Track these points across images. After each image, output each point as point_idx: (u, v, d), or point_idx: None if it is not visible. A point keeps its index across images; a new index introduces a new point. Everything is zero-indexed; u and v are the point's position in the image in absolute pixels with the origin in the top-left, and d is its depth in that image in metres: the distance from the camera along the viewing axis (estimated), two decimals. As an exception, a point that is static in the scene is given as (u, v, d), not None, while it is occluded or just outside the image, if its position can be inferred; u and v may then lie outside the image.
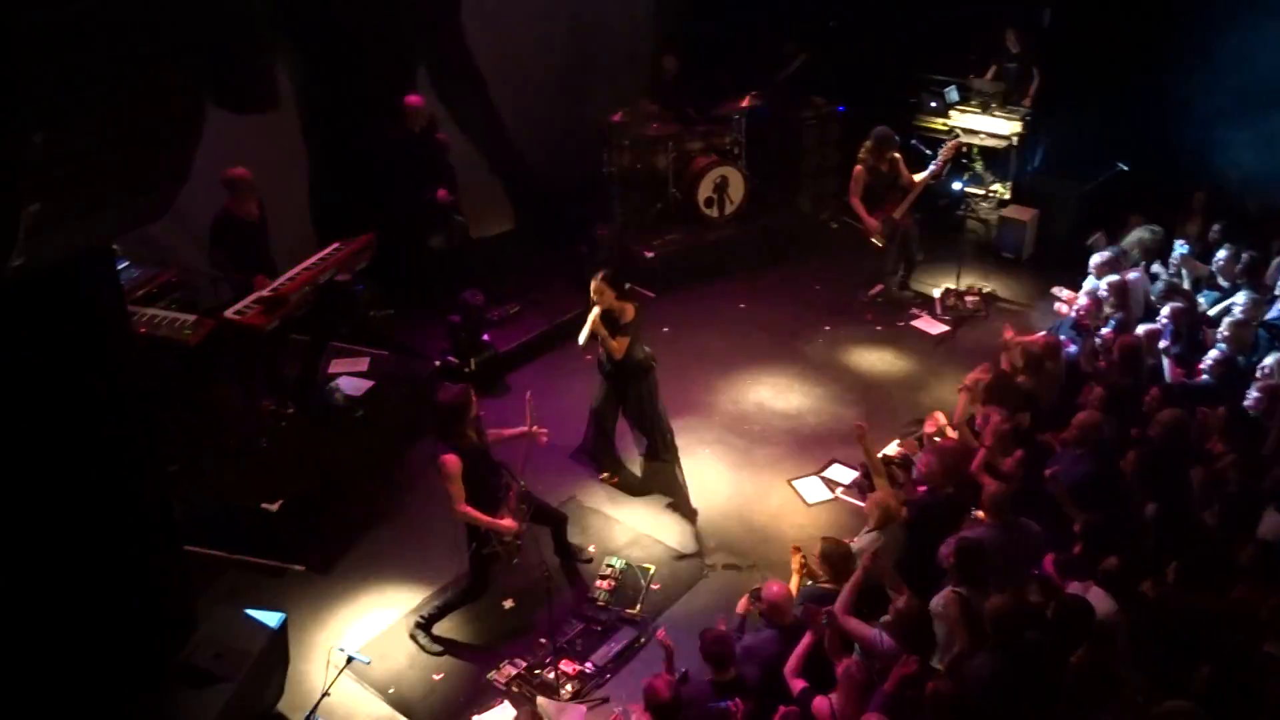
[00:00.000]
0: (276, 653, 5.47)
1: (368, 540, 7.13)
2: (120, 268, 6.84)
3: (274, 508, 6.84)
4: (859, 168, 9.34)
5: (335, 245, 7.58)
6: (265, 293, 7.02)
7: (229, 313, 6.91)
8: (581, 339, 7.16)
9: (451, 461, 5.78)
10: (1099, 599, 5.26)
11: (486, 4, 9.86)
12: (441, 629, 6.39)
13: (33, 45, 2.74)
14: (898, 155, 9.43)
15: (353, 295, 7.71)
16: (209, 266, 7.59)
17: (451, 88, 9.87)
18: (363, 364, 8.21)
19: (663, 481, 7.55)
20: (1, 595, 3.72)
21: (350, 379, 7.99)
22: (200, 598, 5.43)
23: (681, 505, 7.37)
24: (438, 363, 8.45)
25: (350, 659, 5.41)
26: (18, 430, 3.62)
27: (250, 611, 5.58)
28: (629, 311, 7.06)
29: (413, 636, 6.34)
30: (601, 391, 7.53)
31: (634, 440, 7.71)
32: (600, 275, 7.04)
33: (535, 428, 6.26)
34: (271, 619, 5.54)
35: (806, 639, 5.06)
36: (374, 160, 8.89)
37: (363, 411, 7.74)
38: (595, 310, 7.02)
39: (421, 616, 6.35)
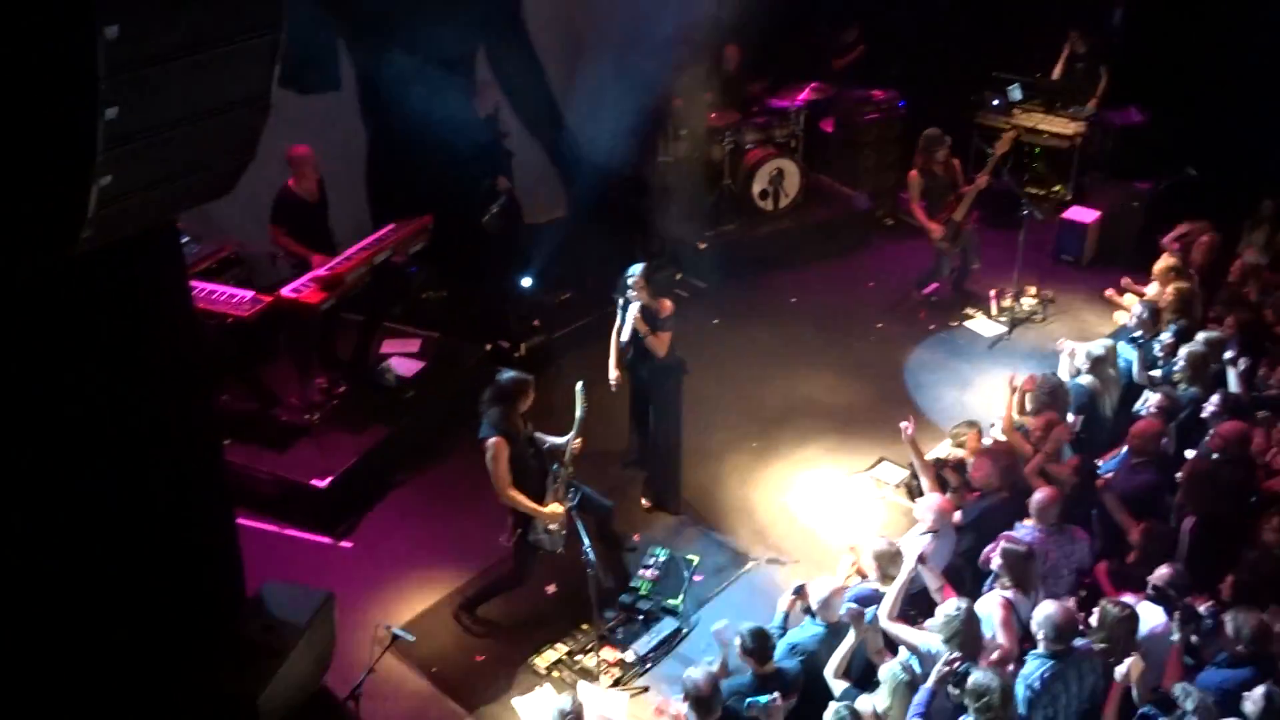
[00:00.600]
0: (324, 627, 5.54)
1: (414, 520, 7.20)
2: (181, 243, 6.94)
3: (324, 484, 6.94)
4: (913, 172, 9.24)
5: (392, 226, 7.64)
6: (322, 272, 7.09)
7: (285, 290, 6.99)
8: (625, 336, 6.92)
9: (499, 445, 5.79)
10: (1150, 613, 5.18)
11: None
12: (484, 611, 6.43)
13: (108, 21, 2.78)
14: (954, 159, 9.30)
15: (407, 276, 7.75)
16: (268, 244, 7.68)
17: (511, 71, 9.88)
18: (414, 345, 8.27)
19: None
20: (59, 566, 3.79)
21: (402, 359, 8.05)
22: (249, 571, 5.50)
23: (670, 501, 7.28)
24: (488, 346, 8.48)
25: (395, 636, 5.47)
26: (81, 401, 3.69)
27: (299, 586, 5.67)
28: (667, 306, 6.90)
29: (456, 617, 6.39)
30: (633, 398, 7.23)
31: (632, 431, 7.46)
32: (640, 270, 6.89)
33: (574, 438, 6.11)
34: (319, 594, 5.61)
35: (850, 639, 5.02)
36: (432, 142, 8.93)
37: (413, 392, 7.80)
38: (634, 307, 6.84)
39: (465, 598, 6.40)
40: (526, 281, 8.52)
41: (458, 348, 8.41)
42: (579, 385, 6.11)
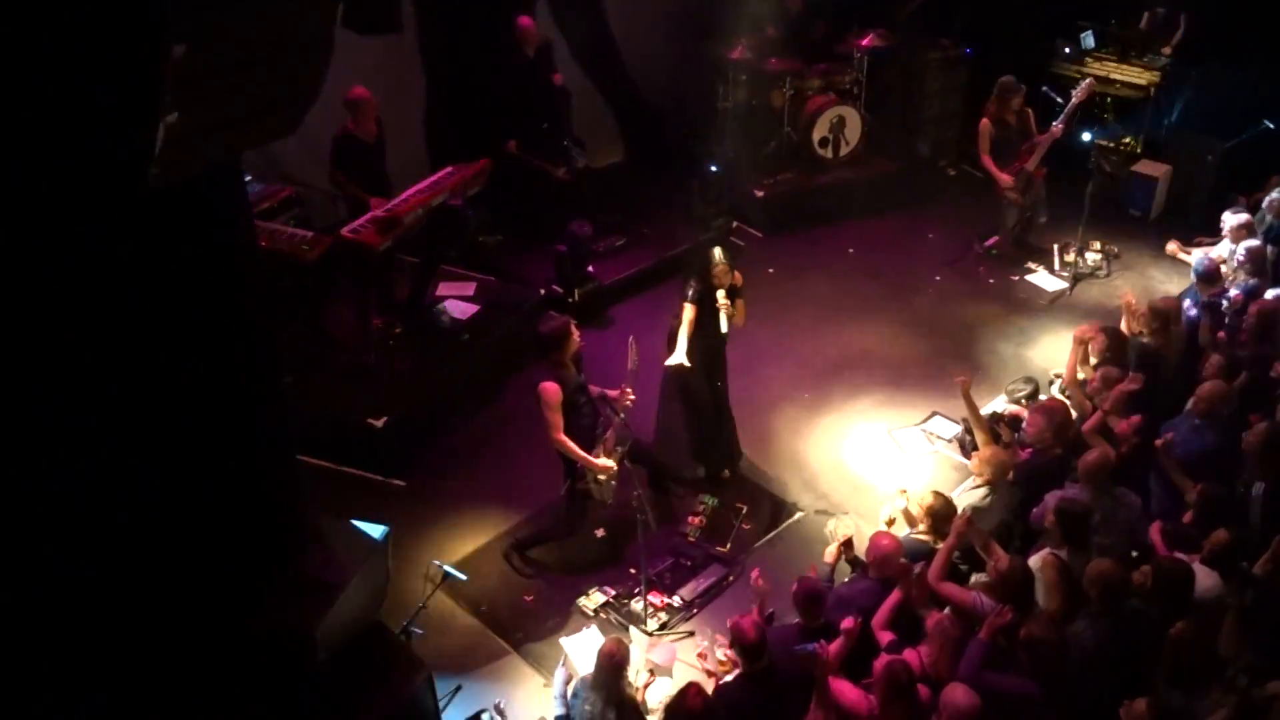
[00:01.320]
0: (379, 563, 5.63)
1: (467, 461, 7.29)
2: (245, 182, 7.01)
3: (379, 424, 7.03)
4: (985, 121, 8.98)
5: (449, 169, 7.65)
6: (380, 213, 7.14)
7: (345, 231, 7.04)
8: (726, 327, 6.62)
9: (551, 389, 5.82)
10: (1204, 575, 5.12)
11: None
12: (534, 553, 6.52)
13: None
14: (1027, 108, 9.06)
15: (464, 220, 7.77)
16: (328, 185, 7.74)
17: (570, 15, 9.79)
18: (470, 289, 8.32)
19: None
20: (128, 503, 3.89)
21: (457, 302, 8.11)
22: (308, 507, 5.61)
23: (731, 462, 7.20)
24: (542, 292, 8.51)
25: (446, 574, 5.57)
26: (150, 340, 3.75)
27: (356, 522, 5.78)
28: (739, 278, 6.71)
29: (506, 557, 6.49)
30: (697, 384, 6.83)
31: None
32: (721, 256, 6.57)
33: (626, 390, 6.07)
34: (375, 531, 5.67)
35: (897, 593, 5.03)
36: (490, 86, 8.91)
37: (468, 335, 7.86)
38: (720, 294, 6.52)
39: (516, 540, 6.49)
40: (583, 227, 8.48)
41: (512, 292, 8.45)
42: (631, 340, 6.10)
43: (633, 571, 6.29)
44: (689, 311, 6.56)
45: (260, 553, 4.54)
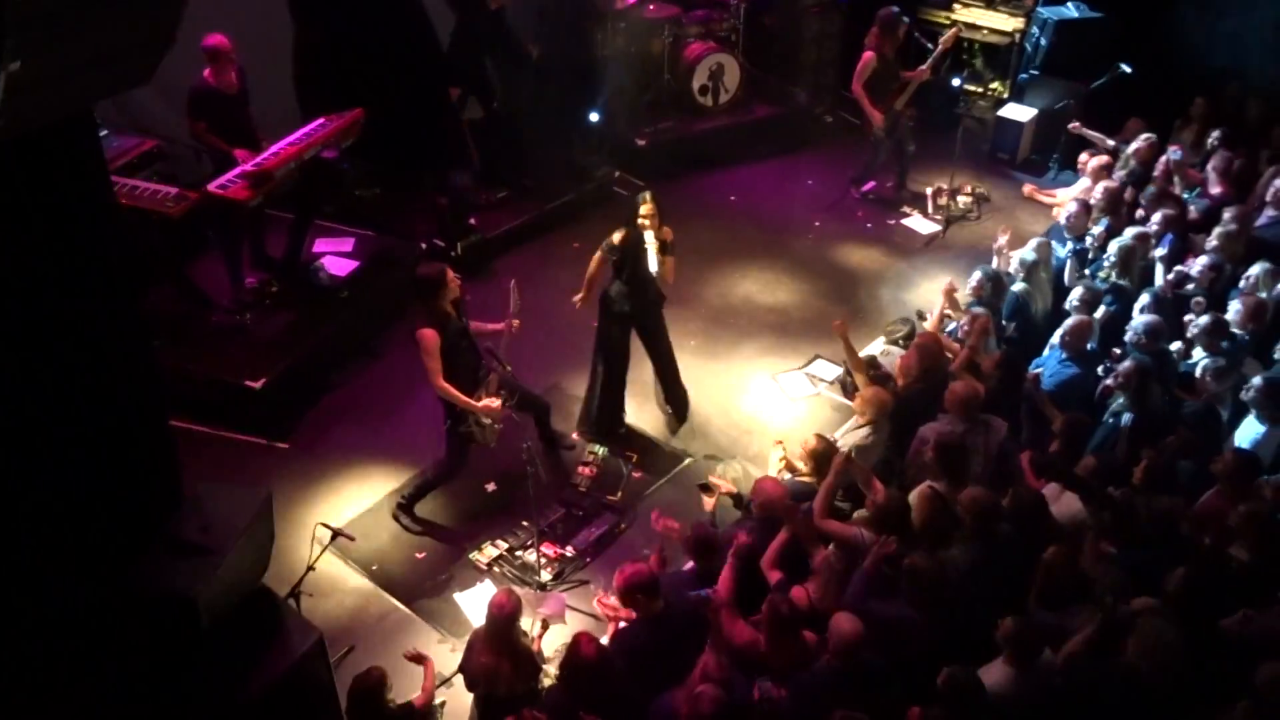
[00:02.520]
0: (262, 527, 5.51)
1: (351, 420, 7.18)
2: (100, 136, 6.68)
3: (258, 385, 6.87)
4: (869, 54, 9.05)
5: (321, 121, 7.41)
6: (249, 167, 6.89)
7: (212, 186, 6.79)
8: (654, 268, 6.53)
9: (429, 335, 5.77)
10: (1070, 501, 5.38)
11: None
12: (424, 509, 6.47)
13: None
14: (903, 44, 9.20)
15: (339, 173, 7.57)
16: (189, 138, 7.42)
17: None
18: (348, 244, 8.13)
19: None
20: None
21: (335, 258, 7.92)
22: (185, 473, 5.46)
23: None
24: (423, 245, 8.36)
25: (335, 534, 5.48)
26: (3, 302, 3.57)
27: (236, 486, 5.63)
28: (669, 232, 6.60)
29: (395, 516, 6.43)
30: (612, 342, 6.83)
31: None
32: (650, 195, 6.54)
33: (512, 319, 6.12)
34: (257, 493, 5.57)
35: (783, 533, 5.14)
36: (363, 33, 8.62)
37: (347, 292, 7.70)
38: (649, 237, 6.44)
39: (403, 496, 6.43)
40: (463, 178, 8.34)
41: (392, 247, 8.29)
42: (513, 283, 6.12)
43: (524, 524, 6.30)
44: (595, 257, 6.66)
45: (136, 521, 4.40)
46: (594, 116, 9.67)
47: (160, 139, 7.73)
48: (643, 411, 7.34)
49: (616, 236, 6.61)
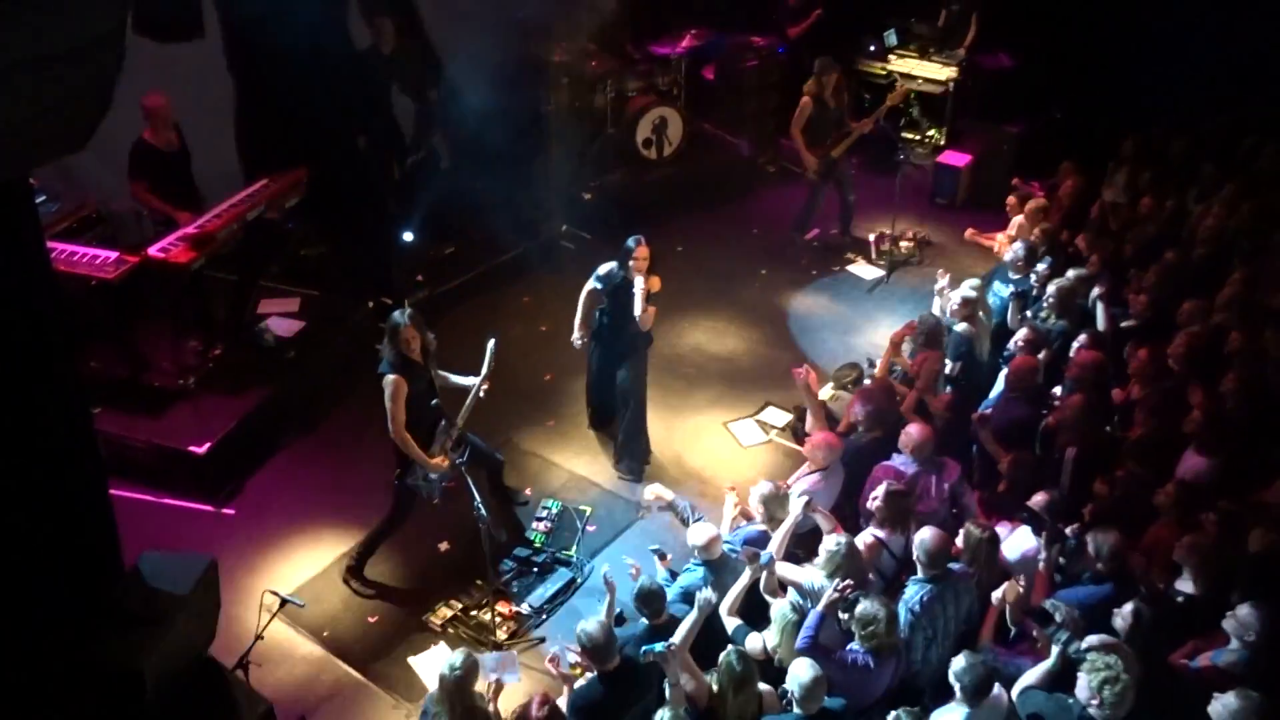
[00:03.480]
0: (207, 596, 5.40)
1: (299, 482, 7.07)
2: (37, 202, 6.59)
3: (202, 450, 6.76)
4: (805, 99, 9.23)
5: (264, 181, 7.38)
6: (191, 230, 6.83)
7: (152, 250, 6.73)
8: (638, 311, 6.75)
9: (396, 382, 5.74)
10: (1020, 539, 5.43)
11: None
12: (377, 572, 6.37)
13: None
14: (845, 92, 9.38)
15: (283, 233, 7.52)
16: (129, 199, 7.35)
17: (385, 18, 9.56)
18: (293, 304, 8.06)
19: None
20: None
21: (281, 319, 7.84)
22: (127, 541, 5.33)
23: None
24: (370, 303, 8.31)
25: (284, 601, 5.36)
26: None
27: (180, 555, 5.50)
28: (656, 282, 6.85)
29: (346, 580, 6.32)
30: (597, 366, 7.27)
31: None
32: (644, 240, 6.79)
33: (482, 382, 6.10)
34: (202, 563, 5.44)
35: (744, 579, 5.12)
36: (305, 91, 8.64)
37: (294, 352, 7.61)
38: (639, 280, 6.71)
39: (352, 558, 6.33)
40: (408, 235, 8.33)
41: (339, 305, 8.23)
42: (491, 343, 6.09)
43: (479, 582, 6.22)
44: (585, 290, 6.93)
45: (77, 592, 4.28)
46: (540, 171, 9.71)
47: (100, 202, 7.64)
48: (595, 463, 7.31)
49: (604, 269, 6.86)
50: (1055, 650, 4.47)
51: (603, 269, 6.92)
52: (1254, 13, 9.21)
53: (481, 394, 6.10)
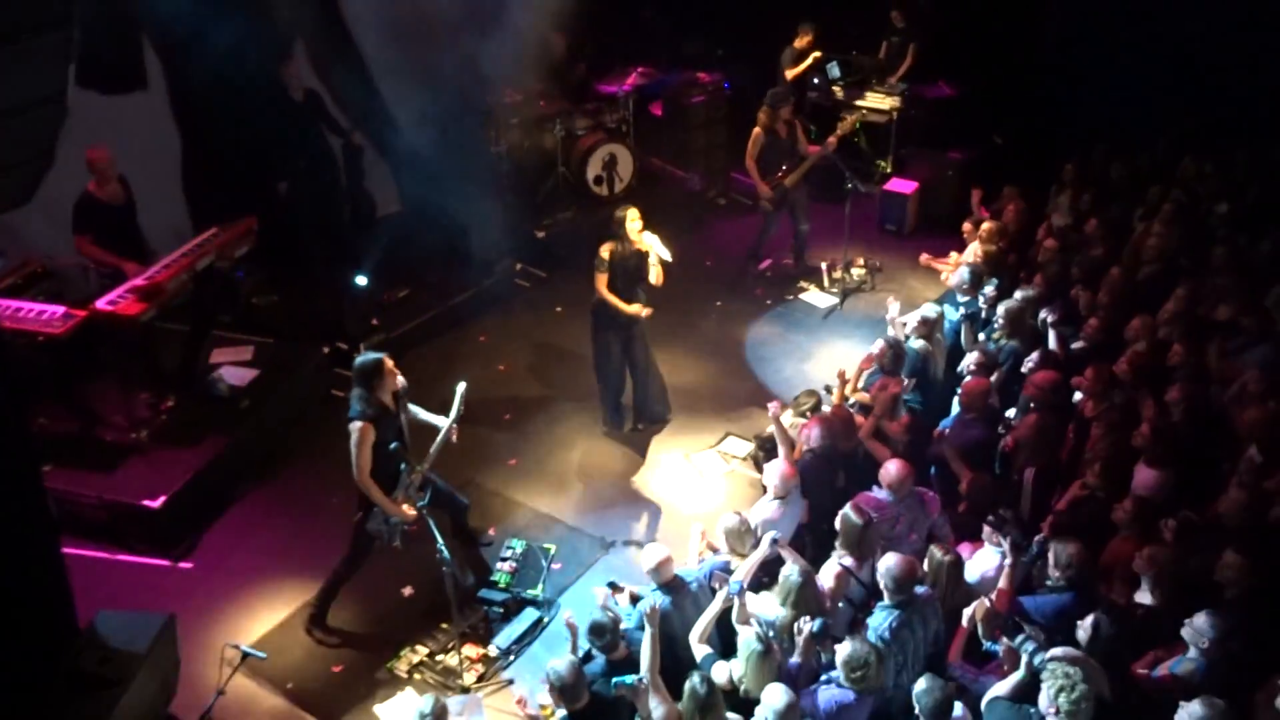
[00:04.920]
0: (166, 653, 5.31)
1: (258, 532, 6.97)
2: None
3: (157, 504, 6.65)
4: (757, 129, 9.34)
5: (213, 231, 7.34)
6: (140, 281, 6.77)
7: (101, 303, 6.65)
8: (656, 278, 7.42)
9: (363, 429, 5.67)
10: (983, 559, 5.47)
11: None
12: (340, 620, 6.27)
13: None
14: (796, 121, 9.52)
15: (233, 282, 7.47)
16: (76, 254, 7.26)
17: (331, 65, 9.60)
18: (247, 353, 7.99)
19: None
20: None
21: (234, 369, 7.77)
22: (82, 601, 5.23)
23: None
24: (325, 349, 8.26)
25: (245, 655, 5.26)
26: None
27: (137, 613, 5.42)
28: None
29: (308, 630, 6.22)
30: (610, 352, 7.67)
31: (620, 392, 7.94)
32: (633, 212, 7.38)
33: (452, 427, 6.05)
34: (159, 619, 5.38)
35: (714, 607, 5.12)
36: (253, 141, 8.62)
37: (248, 401, 7.54)
38: (648, 237, 7.34)
39: (313, 607, 6.23)
40: (361, 280, 8.30)
41: (293, 352, 8.16)
42: (461, 386, 6.05)
43: (444, 626, 6.14)
44: (601, 280, 7.39)
45: (32, 656, 4.18)
46: (491, 211, 9.73)
47: (45, 257, 7.55)
48: (559, 498, 7.29)
49: (604, 251, 7.37)
50: (1023, 661, 4.51)
51: (604, 251, 7.41)
52: (1186, 36, 9.48)
53: (452, 438, 6.05)
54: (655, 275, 7.39)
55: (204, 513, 6.98)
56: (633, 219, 7.32)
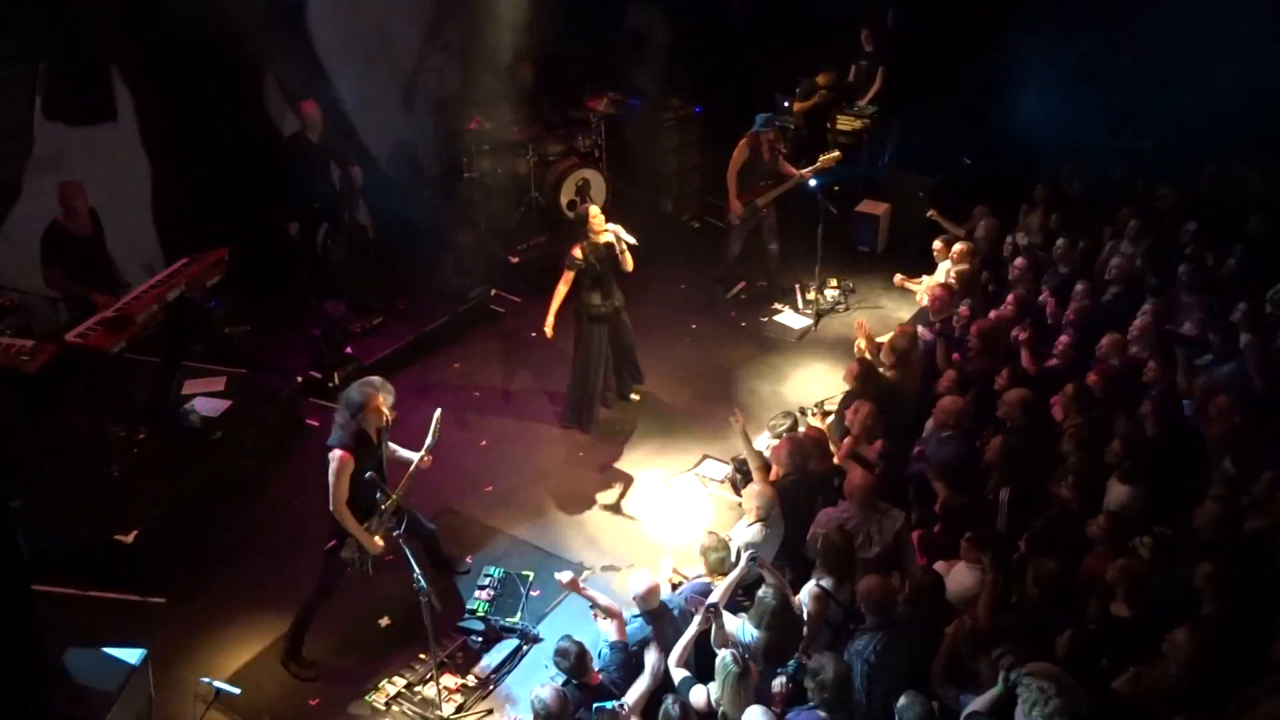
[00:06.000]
0: (139, 691, 5.23)
1: (231, 567, 6.87)
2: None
3: (129, 539, 6.55)
4: (743, 143, 9.34)
5: (184, 261, 7.28)
6: (109, 313, 6.70)
7: (70, 335, 6.56)
8: (628, 265, 7.69)
9: (343, 458, 5.62)
10: (960, 575, 5.49)
11: (335, 9, 9.61)
12: (315, 652, 6.19)
13: None
14: (779, 147, 9.56)
15: (205, 312, 7.40)
16: (44, 286, 7.19)
17: (300, 93, 9.60)
18: (219, 383, 7.91)
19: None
20: None
21: (206, 400, 7.69)
22: (54, 639, 5.15)
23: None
24: (299, 379, 8.20)
25: (218, 691, 5.20)
26: None
27: (108, 650, 5.34)
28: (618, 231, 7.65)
29: (284, 663, 6.13)
30: (593, 344, 7.88)
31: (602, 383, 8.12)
32: (595, 210, 7.62)
33: (425, 454, 6.03)
34: (132, 655, 5.32)
35: (691, 628, 5.10)
36: (223, 170, 8.61)
37: (221, 433, 7.46)
38: (620, 228, 7.59)
39: (288, 639, 6.15)
40: (335, 308, 8.27)
41: (266, 382, 8.10)
42: (437, 413, 6.00)
43: (422, 656, 6.08)
44: (567, 277, 7.64)
45: (1, 696, 4.11)
46: (464, 237, 9.73)
47: (13, 290, 7.47)
48: (536, 525, 7.25)
49: (577, 252, 7.55)
50: (1000, 677, 4.51)
51: (576, 252, 7.59)
52: (1149, 57, 9.63)
53: (423, 466, 6.01)
54: (627, 262, 7.68)
55: (177, 546, 6.88)
56: (595, 214, 7.58)
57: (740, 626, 5.12)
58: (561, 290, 7.70)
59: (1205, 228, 8.41)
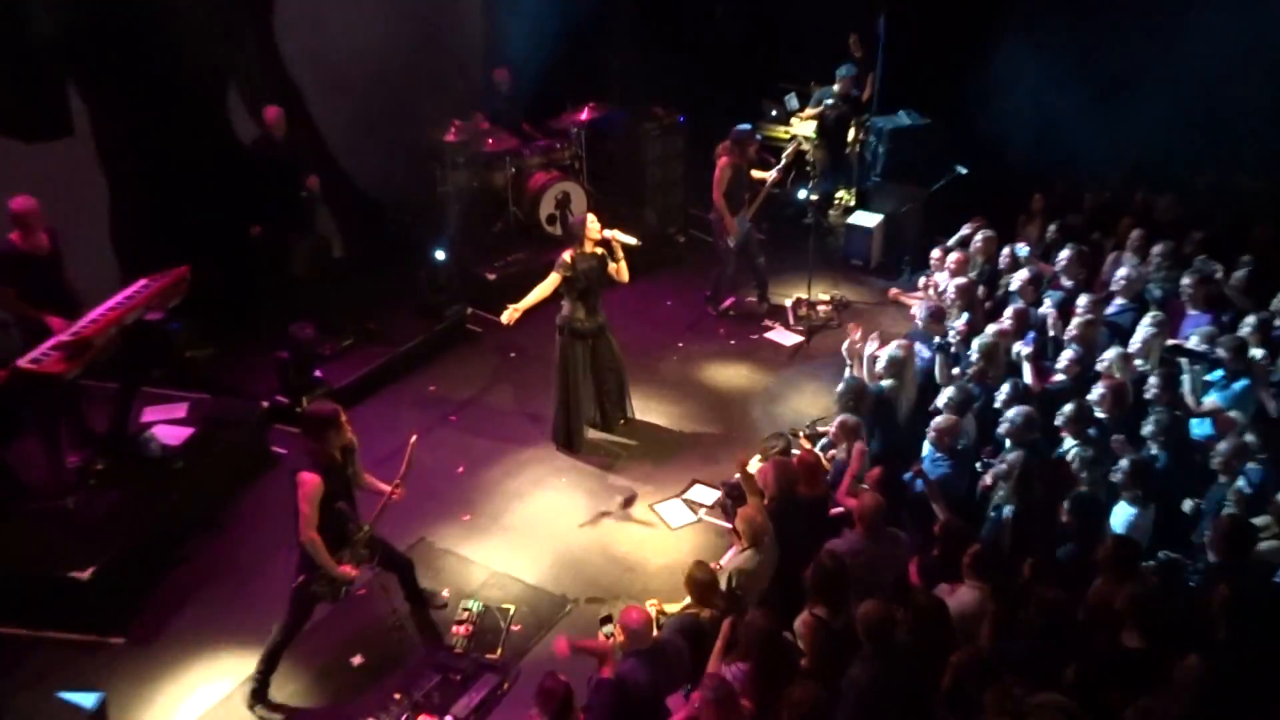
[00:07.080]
0: (94, 740, 4.95)
1: (195, 604, 6.59)
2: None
3: (85, 575, 6.27)
4: (724, 160, 9.18)
5: (143, 282, 7.01)
6: (65, 337, 6.42)
7: (23, 361, 6.29)
8: (622, 275, 7.51)
9: (311, 481, 5.38)
10: (960, 598, 5.25)
11: (301, 18, 9.35)
12: (284, 693, 5.92)
13: None
14: (755, 156, 9.40)
15: (166, 335, 7.12)
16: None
17: (263, 99, 9.33)
18: (181, 410, 7.66)
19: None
20: None
21: (167, 427, 7.44)
22: (4, 684, 4.88)
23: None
24: (265, 404, 7.93)
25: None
26: None
27: (63, 695, 5.23)
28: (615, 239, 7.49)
29: (250, 706, 5.86)
30: (575, 361, 7.65)
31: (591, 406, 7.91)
32: (591, 218, 7.48)
33: (395, 486, 5.79)
34: (88, 700, 5.20)
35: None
36: (185, 188, 8.32)
37: (183, 462, 7.19)
38: (619, 233, 7.42)
39: (255, 680, 5.86)
40: (304, 329, 7.98)
41: (231, 408, 7.85)
42: (412, 440, 5.79)
43: (397, 696, 5.80)
44: (552, 280, 7.41)
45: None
46: (440, 254, 9.46)
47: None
48: (517, 555, 6.96)
49: (568, 256, 7.34)
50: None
51: (567, 256, 7.35)
52: (1144, 64, 9.48)
53: (396, 499, 5.78)
54: (622, 271, 7.49)
55: (137, 583, 6.60)
56: (592, 221, 7.43)
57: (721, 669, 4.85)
58: (542, 288, 7.44)
59: (1210, 238, 8.22)
